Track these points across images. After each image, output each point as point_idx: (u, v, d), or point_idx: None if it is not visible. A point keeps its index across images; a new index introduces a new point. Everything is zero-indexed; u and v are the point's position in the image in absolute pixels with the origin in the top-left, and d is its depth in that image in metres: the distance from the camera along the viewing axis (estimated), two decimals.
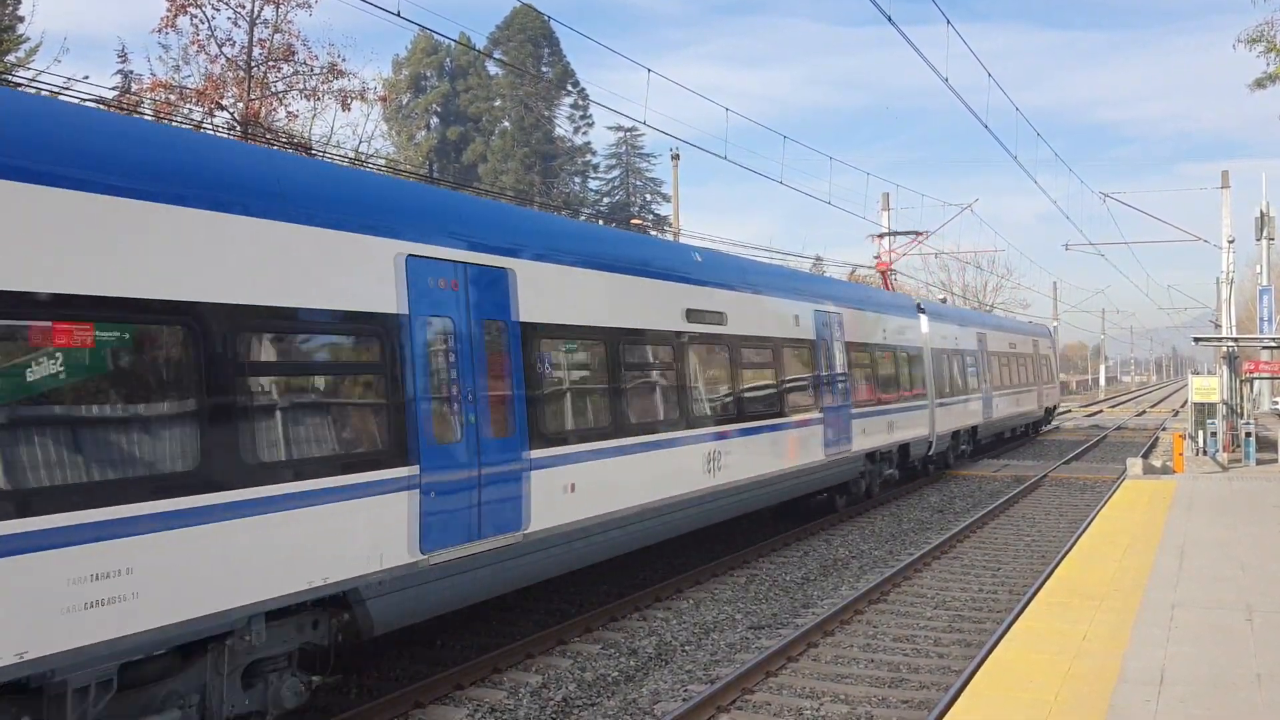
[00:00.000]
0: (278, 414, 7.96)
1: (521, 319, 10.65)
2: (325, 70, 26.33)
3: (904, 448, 23.39)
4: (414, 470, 9.02)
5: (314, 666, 8.63)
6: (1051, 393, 44.07)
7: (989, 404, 31.89)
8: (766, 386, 16.52)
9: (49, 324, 6.43)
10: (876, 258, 36.89)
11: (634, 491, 12.35)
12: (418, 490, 9.05)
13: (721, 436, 14.65)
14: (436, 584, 9.29)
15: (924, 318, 26.34)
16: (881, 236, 34.65)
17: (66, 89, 15.28)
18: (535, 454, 10.59)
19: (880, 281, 32.78)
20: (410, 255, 9.37)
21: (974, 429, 30.36)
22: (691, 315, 14.17)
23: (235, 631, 7.50)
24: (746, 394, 15.70)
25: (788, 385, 17.20)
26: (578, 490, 11.21)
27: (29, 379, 6.33)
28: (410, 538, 8.98)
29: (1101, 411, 75.43)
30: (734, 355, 15.40)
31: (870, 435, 20.84)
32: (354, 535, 8.44)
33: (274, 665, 8.10)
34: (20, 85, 17.94)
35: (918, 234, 39.13)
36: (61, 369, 6.47)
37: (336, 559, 8.28)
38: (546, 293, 11.19)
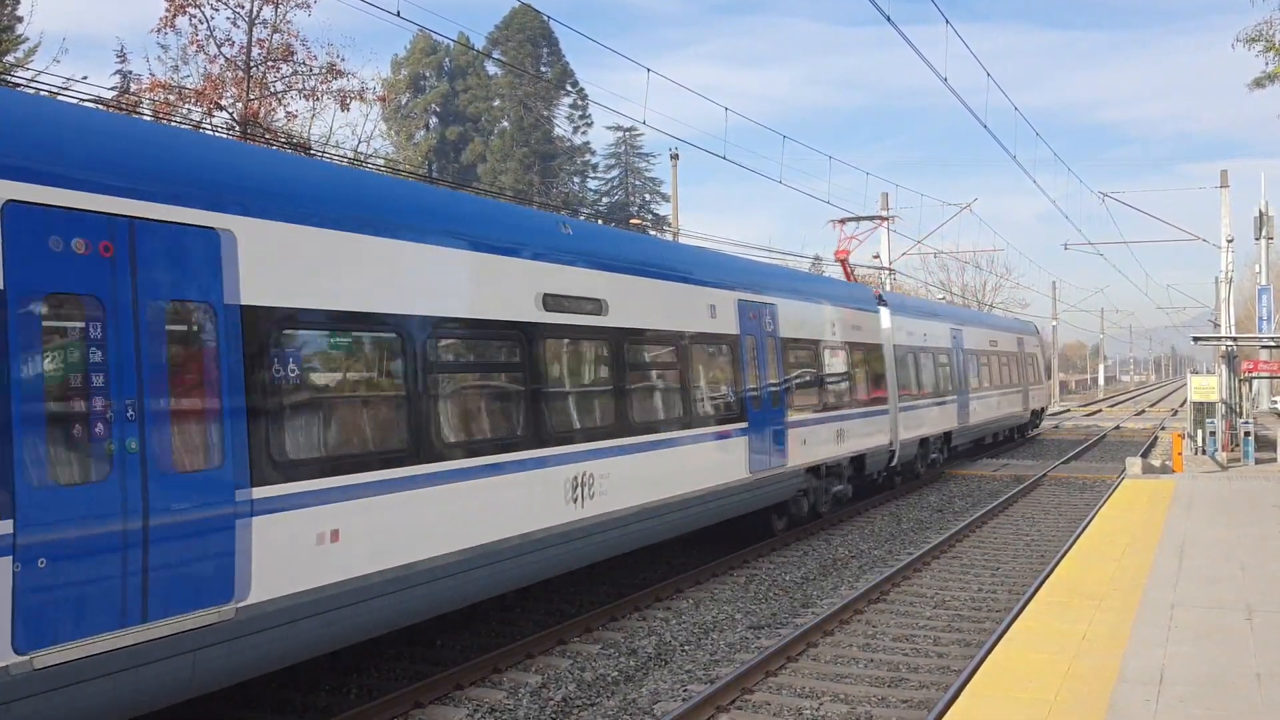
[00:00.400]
0: None
1: (244, 301, 7.66)
2: (324, 70, 26.35)
3: (858, 459, 20.60)
4: (5, 528, 6.09)
5: None
6: (1039, 394, 41.93)
7: (965, 407, 29.55)
8: (666, 391, 13.86)
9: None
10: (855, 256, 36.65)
11: (447, 534, 9.37)
12: (10, 559, 6.08)
13: (595, 455, 11.77)
14: (53, 696, 6.27)
15: (885, 311, 23.86)
16: (843, 221, 32.04)
17: (65, 89, 15.28)
18: (262, 492, 7.62)
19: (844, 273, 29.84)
20: (11, 201, 6.32)
21: (947, 435, 27.91)
22: (552, 302, 11.35)
23: None
24: (636, 401, 12.92)
25: (697, 389, 14.56)
26: (343, 539, 8.27)
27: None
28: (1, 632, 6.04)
29: (1100, 411, 75.50)
30: (617, 353, 12.58)
31: (813, 446, 18.14)
32: None
33: None
34: (19, 85, 17.94)
35: (883, 218, 39.05)
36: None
37: None
38: (295, 265, 8.20)
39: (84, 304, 6.63)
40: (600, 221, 70.69)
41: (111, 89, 30.84)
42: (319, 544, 8.06)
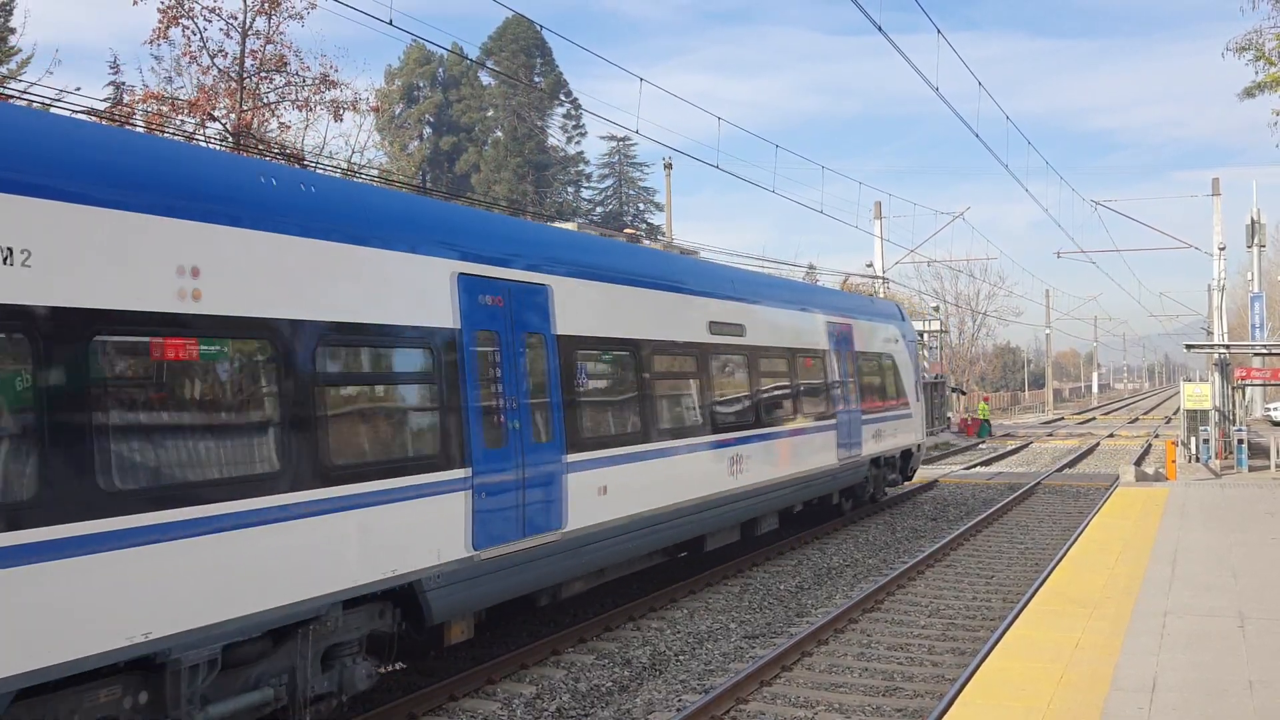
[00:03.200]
0: None
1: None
2: (317, 81, 26.32)
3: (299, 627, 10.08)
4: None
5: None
6: (906, 426, 23.63)
7: (679, 468, 14.61)
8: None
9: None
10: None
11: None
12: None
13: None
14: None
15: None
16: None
17: (58, 101, 15.27)
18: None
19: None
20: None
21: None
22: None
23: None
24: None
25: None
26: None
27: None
28: None
29: (1094, 419, 75.61)
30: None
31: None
32: None
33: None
34: (12, 98, 17.93)
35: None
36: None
37: None
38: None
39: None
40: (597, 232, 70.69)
41: (104, 100, 30.86)
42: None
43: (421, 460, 9.03)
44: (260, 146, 23.88)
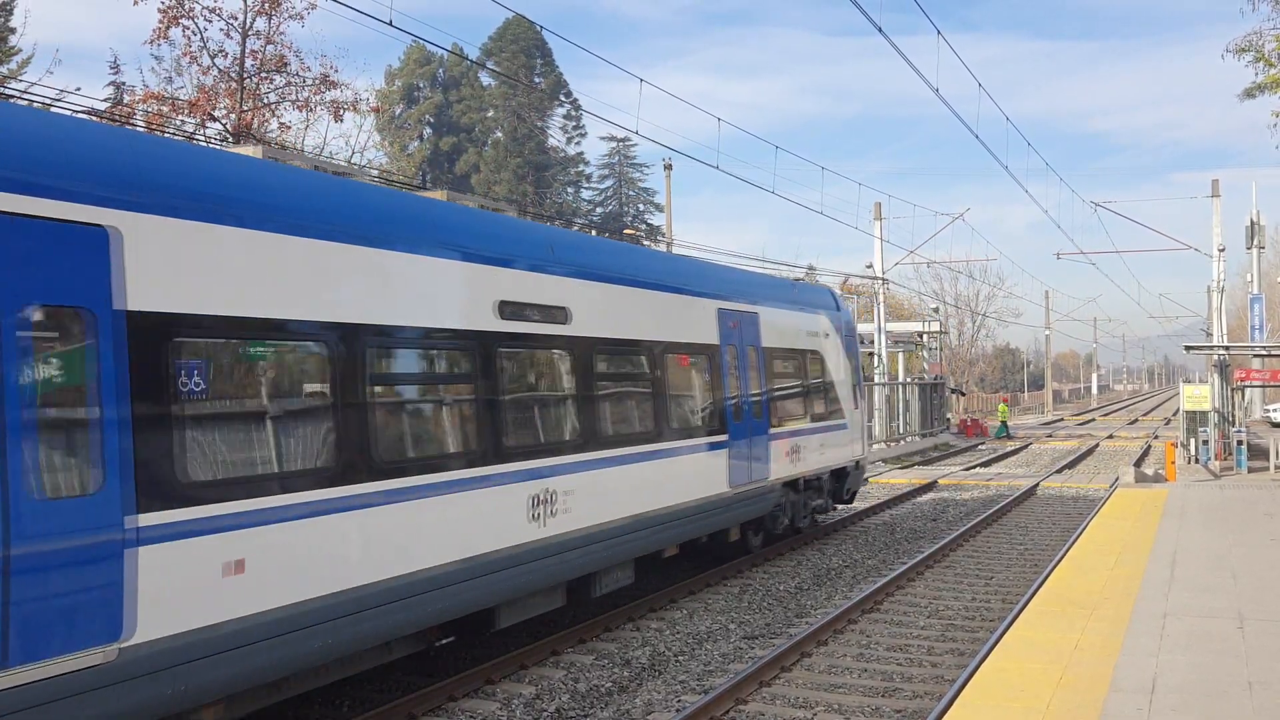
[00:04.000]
0: None
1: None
2: (317, 81, 26.35)
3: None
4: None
5: None
6: (840, 440, 19.42)
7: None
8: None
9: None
10: None
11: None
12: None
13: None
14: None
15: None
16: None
17: (59, 101, 15.28)
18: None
19: None
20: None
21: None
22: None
23: None
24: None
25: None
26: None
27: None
28: None
29: (1094, 420, 75.66)
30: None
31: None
32: None
33: None
34: (12, 98, 17.94)
35: None
36: None
37: None
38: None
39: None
40: (594, 232, 70.78)
41: (105, 100, 30.89)
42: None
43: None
44: (260, 147, 23.87)
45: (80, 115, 11.96)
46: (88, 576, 6.36)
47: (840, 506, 20.97)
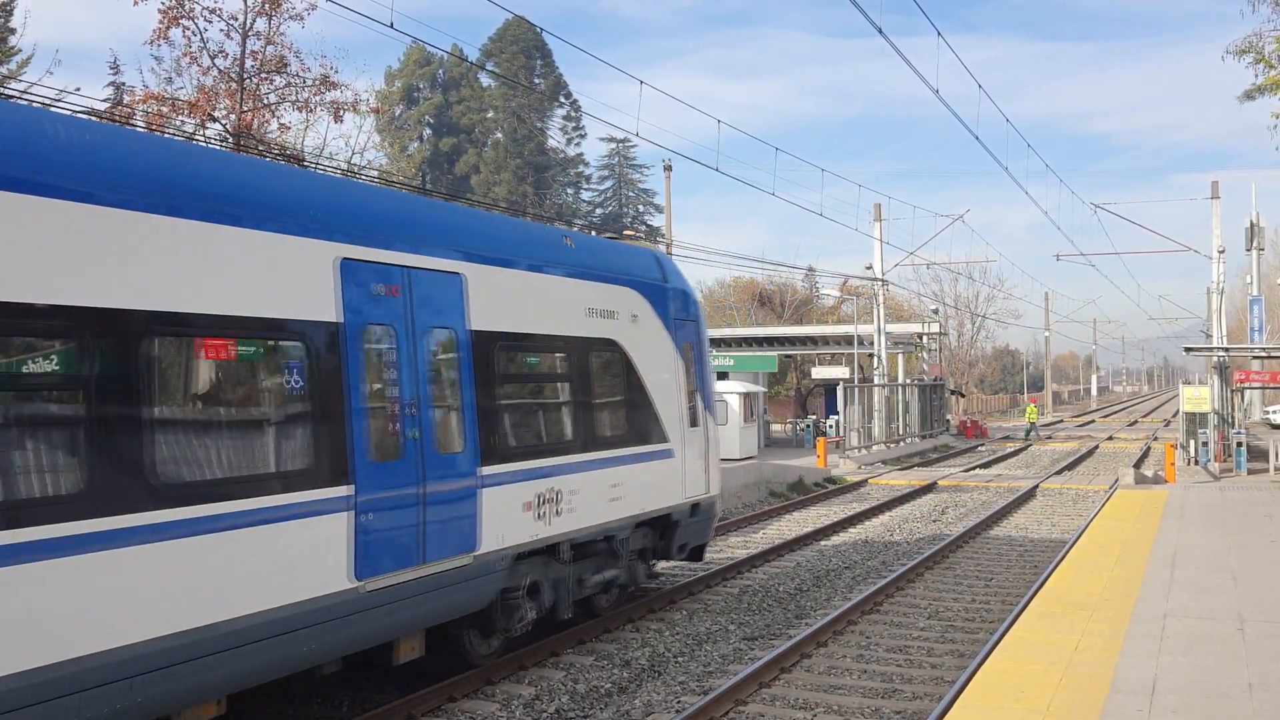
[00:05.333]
0: None
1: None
2: (317, 82, 26.33)
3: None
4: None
5: None
6: (656, 476, 13.26)
7: None
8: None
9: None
10: None
11: None
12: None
13: None
14: None
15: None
16: None
17: (58, 101, 15.28)
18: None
19: None
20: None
21: None
22: None
23: None
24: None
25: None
26: None
27: None
28: None
29: (1093, 422, 75.69)
30: None
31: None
32: None
33: None
34: (13, 98, 17.93)
35: None
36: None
37: None
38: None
39: None
40: (593, 234, 70.84)
41: (105, 100, 30.89)
42: None
43: None
44: (260, 147, 23.90)
45: (80, 115, 11.94)
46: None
47: (665, 566, 14.96)
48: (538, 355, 11.73)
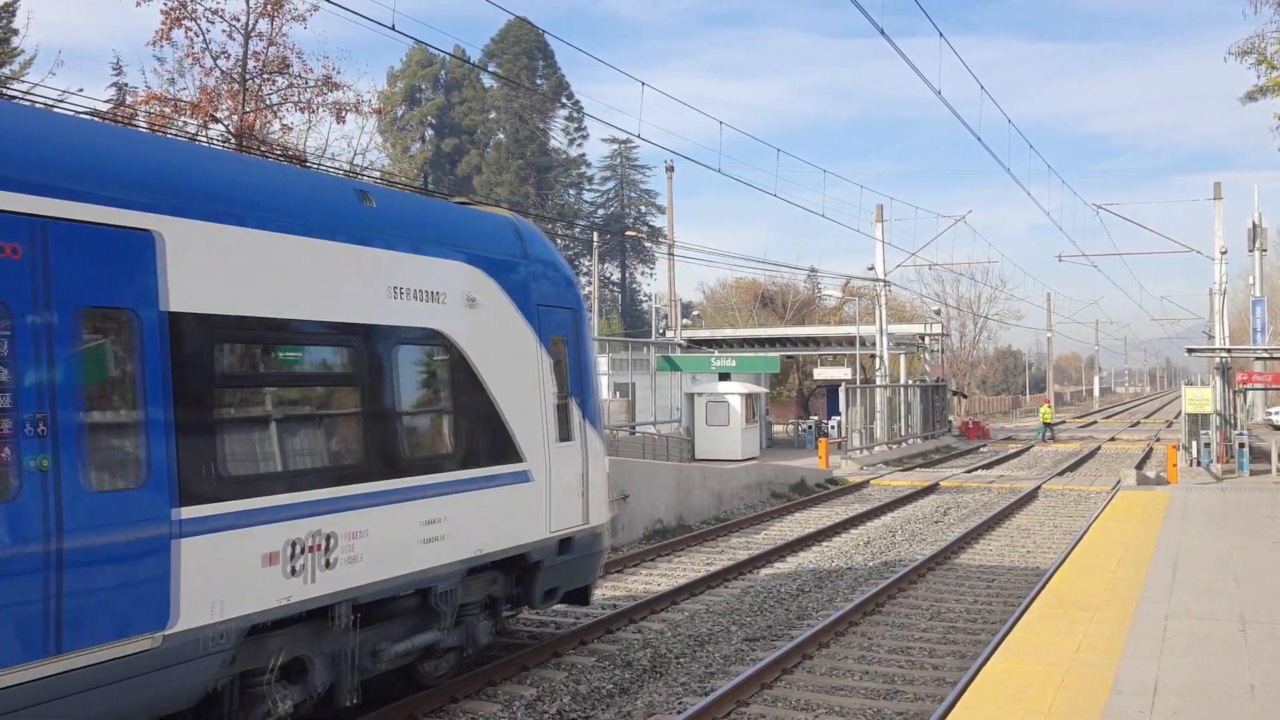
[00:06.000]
0: None
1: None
2: (320, 83, 26.35)
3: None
4: None
5: None
6: (503, 506, 10.17)
7: None
8: None
9: None
10: None
11: None
12: None
13: None
14: None
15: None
16: None
17: (61, 102, 15.30)
18: None
19: None
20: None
21: None
22: None
23: None
24: None
25: None
26: None
27: None
28: None
29: (1095, 423, 75.65)
30: None
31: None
32: None
33: None
34: (15, 98, 17.96)
35: None
36: None
37: None
38: None
39: None
40: (595, 234, 70.80)
41: (107, 101, 30.91)
42: None
43: None
44: (263, 148, 23.94)
45: (82, 116, 11.95)
46: None
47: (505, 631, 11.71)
48: (297, 350, 8.45)
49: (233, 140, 23.61)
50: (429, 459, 9.40)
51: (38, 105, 13.96)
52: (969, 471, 34.18)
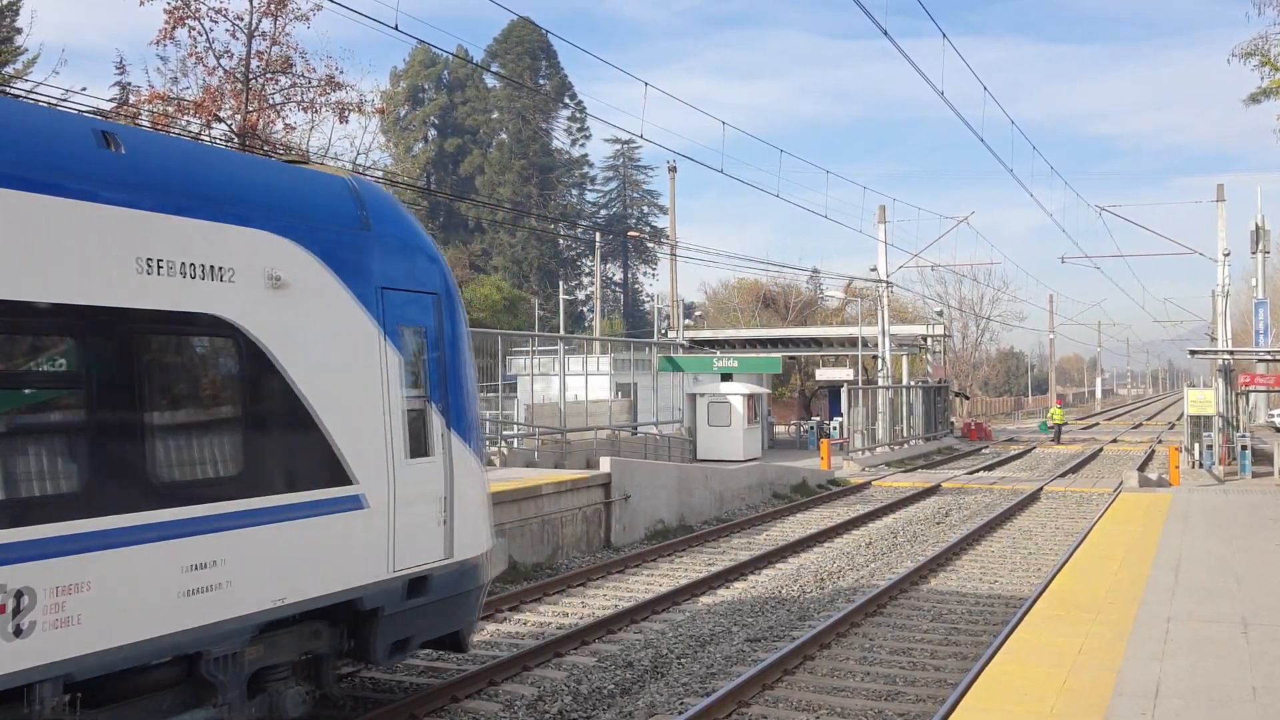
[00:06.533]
0: None
1: None
2: (322, 82, 26.41)
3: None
4: None
5: None
6: (313, 540, 7.89)
7: None
8: None
9: None
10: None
11: None
12: None
13: None
14: None
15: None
16: None
17: (64, 101, 15.33)
18: None
19: None
20: None
21: None
22: None
23: None
24: None
25: None
26: None
27: None
28: None
29: (1097, 424, 75.59)
30: None
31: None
32: None
33: None
34: (18, 97, 17.98)
35: None
36: None
37: None
38: None
39: None
40: (598, 235, 70.77)
41: (110, 100, 30.95)
42: None
43: None
44: (266, 147, 23.96)
45: (86, 115, 11.97)
46: None
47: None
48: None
49: (236, 140, 23.63)
50: (198, 485, 7.13)
51: (42, 104, 13.97)
52: (971, 473, 34.16)
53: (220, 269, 7.29)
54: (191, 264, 7.08)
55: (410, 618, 8.68)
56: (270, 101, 26.19)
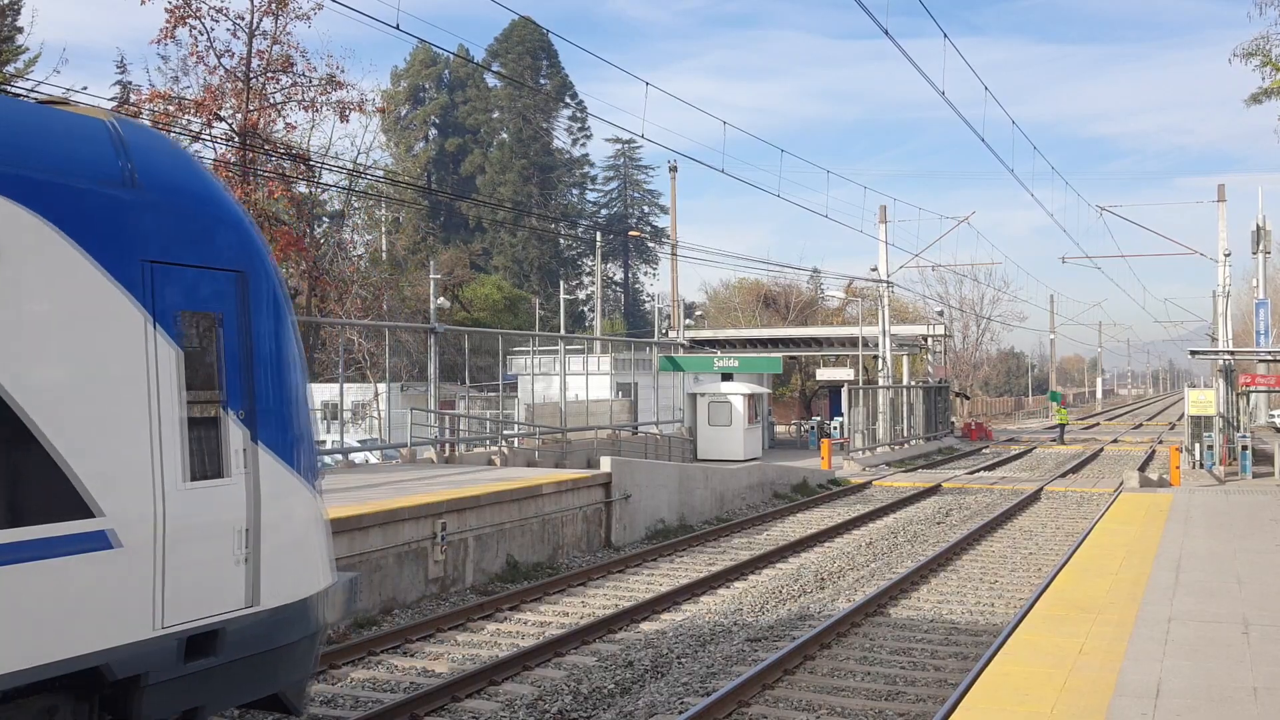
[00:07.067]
0: None
1: None
2: (323, 82, 26.43)
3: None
4: None
5: None
6: (57, 592, 5.76)
7: None
8: None
9: None
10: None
11: None
12: None
13: None
14: None
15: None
16: None
17: (65, 101, 15.32)
18: None
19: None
20: None
21: None
22: None
23: None
24: None
25: None
26: None
27: None
28: None
29: (1098, 425, 75.59)
30: None
31: None
32: None
33: None
34: (20, 95, 17.98)
35: None
36: None
37: None
38: None
39: None
40: (599, 235, 70.76)
41: (111, 99, 30.97)
42: None
43: None
44: (266, 146, 23.96)
45: None
46: None
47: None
48: None
49: (236, 139, 23.64)
50: None
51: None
52: (971, 473, 34.16)
53: None
54: None
55: (192, 685, 6.55)
56: (271, 100, 26.21)
